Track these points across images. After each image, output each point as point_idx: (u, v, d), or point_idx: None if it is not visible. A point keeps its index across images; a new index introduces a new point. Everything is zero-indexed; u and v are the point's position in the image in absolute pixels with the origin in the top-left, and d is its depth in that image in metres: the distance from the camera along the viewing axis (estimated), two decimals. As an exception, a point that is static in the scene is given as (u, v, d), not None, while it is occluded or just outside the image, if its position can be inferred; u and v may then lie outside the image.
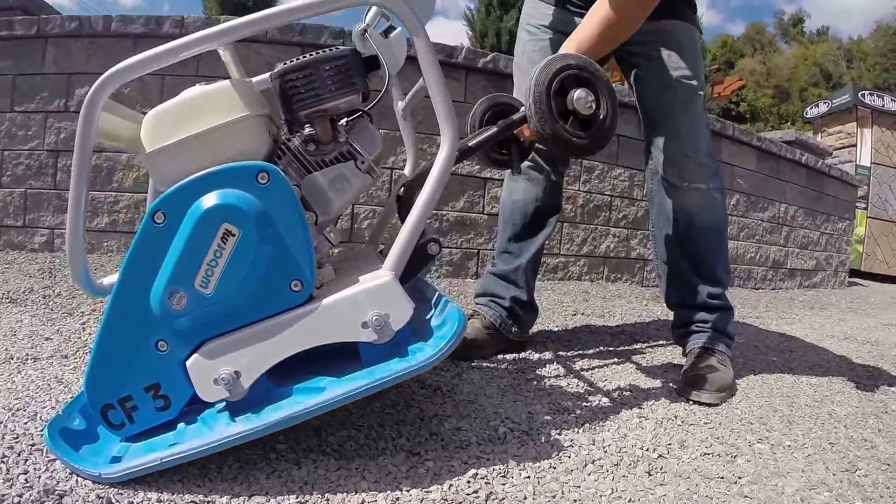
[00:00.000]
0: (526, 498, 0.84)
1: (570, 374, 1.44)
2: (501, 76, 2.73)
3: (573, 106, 1.00)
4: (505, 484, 0.87)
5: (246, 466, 0.85)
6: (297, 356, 0.85)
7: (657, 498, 0.88)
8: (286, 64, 0.88)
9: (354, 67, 0.88)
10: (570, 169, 2.80)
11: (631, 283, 3.23)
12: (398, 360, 0.85)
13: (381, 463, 0.89)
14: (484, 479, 0.88)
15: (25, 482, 0.76)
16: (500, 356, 1.52)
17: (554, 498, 0.85)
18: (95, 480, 0.78)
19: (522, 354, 1.55)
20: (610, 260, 3.17)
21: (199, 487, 0.79)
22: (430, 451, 0.95)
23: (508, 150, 1.18)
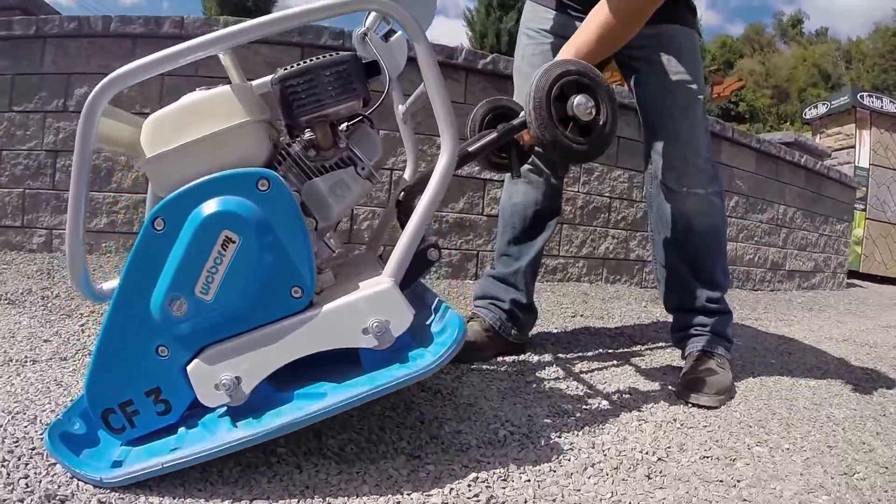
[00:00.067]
0: (526, 501, 0.84)
1: (569, 376, 1.44)
2: (501, 77, 2.74)
3: (573, 112, 1.00)
4: (505, 487, 0.87)
5: (247, 470, 0.85)
6: (297, 361, 0.85)
7: (657, 501, 0.88)
8: (286, 69, 0.88)
9: (355, 73, 0.88)
10: (569, 171, 2.81)
11: (630, 284, 3.24)
12: (399, 365, 0.85)
13: (381, 467, 0.89)
14: (484, 482, 0.88)
15: (26, 486, 0.76)
16: (499, 358, 1.52)
17: (554, 501, 0.85)
18: (97, 485, 0.78)
19: (522, 357, 1.55)
20: (609, 261, 3.18)
21: (200, 491, 0.79)
22: (430, 454, 0.95)
23: (508, 153, 1.18)
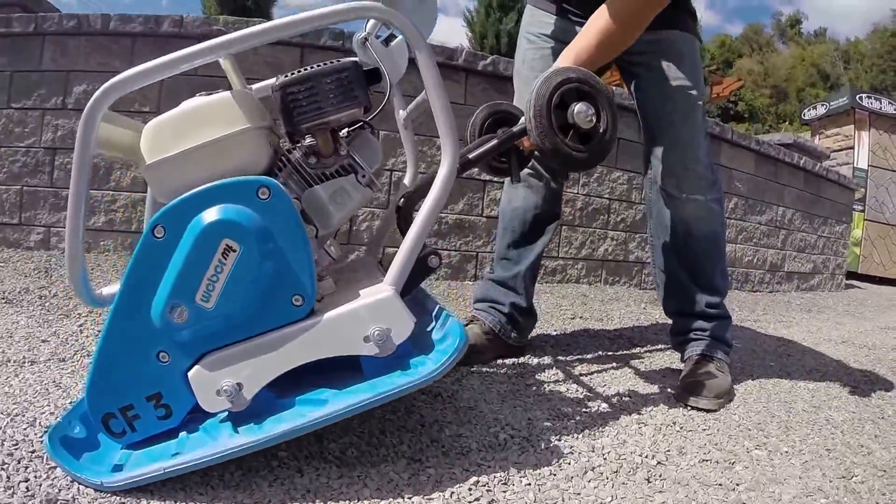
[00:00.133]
0: (526, 505, 0.85)
1: (569, 379, 1.44)
2: (501, 79, 2.74)
3: (573, 120, 1.00)
4: (506, 491, 0.88)
5: (248, 474, 0.85)
6: (298, 366, 0.85)
7: (656, 505, 0.89)
8: (287, 76, 0.88)
9: (356, 80, 0.88)
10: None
11: (629, 286, 3.24)
12: (400, 373, 0.86)
13: (382, 470, 0.89)
14: (485, 486, 0.88)
15: (27, 490, 0.76)
16: (499, 361, 1.52)
17: (554, 505, 0.86)
18: (97, 489, 0.78)
19: (521, 359, 1.56)
20: (608, 263, 3.18)
21: (201, 496, 0.79)
22: (431, 457, 0.96)
23: (508, 158, 1.18)
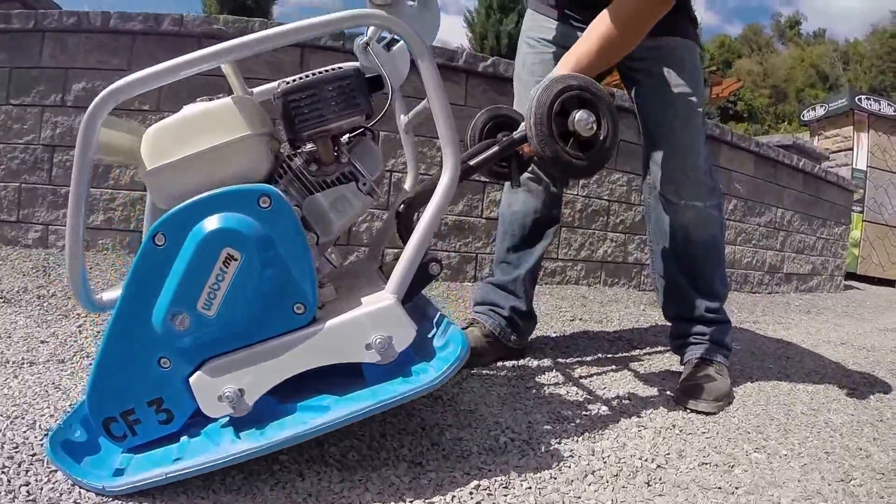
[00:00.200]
0: (527, 509, 0.85)
1: (569, 381, 1.44)
2: (501, 80, 2.74)
3: (574, 128, 1.00)
4: (507, 495, 0.88)
5: (250, 478, 0.85)
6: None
7: (656, 509, 0.89)
8: (289, 83, 0.88)
9: (358, 88, 0.88)
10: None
11: (628, 287, 3.25)
12: (402, 380, 0.86)
13: (383, 474, 0.90)
14: (486, 490, 0.88)
15: (28, 494, 0.76)
16: (499, 363, 1.52)
17: (554, 509, 0.86)
18: (99, 493, 0.79)
19: (521, 361, 1.56)
20: (607, 264, 3.18)
21: (203, 499, 0.80)
22: (431, 461, 0.96)
23: (508, 163, 1.18)
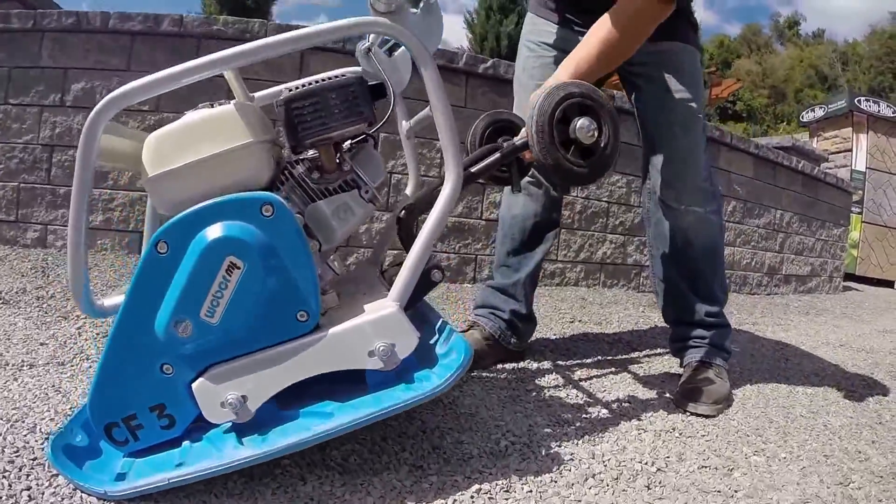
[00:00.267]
0: (528, 513, 0.85)
1: (569, 384, 1.45)
2: (502, 82, 2.74)
3: (575, 135, 1.00)
4: (508, 499, 0.88)
5: (251, 482, 0.86)
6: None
7: (656, 513, 0.89)
8: (292, 90, 0.88)
9: (361, 96, 0.88)
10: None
11: (627, 288, 3.25)
12: (405, 387, 0.86)
13: (385, 478, 0.90)
14: (487, 493, 0.89)
15: (29, 499, 0.76)
16: (499, 366, 1.53)
17: (555, 513, 0.86)
18: (101, 498, 0.79)
19: (521, 364, 1.56)
20: (607, 266, 3.19)
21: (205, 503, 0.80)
22: (432, 465, 0.96)
23: (509, 168, 1.18)
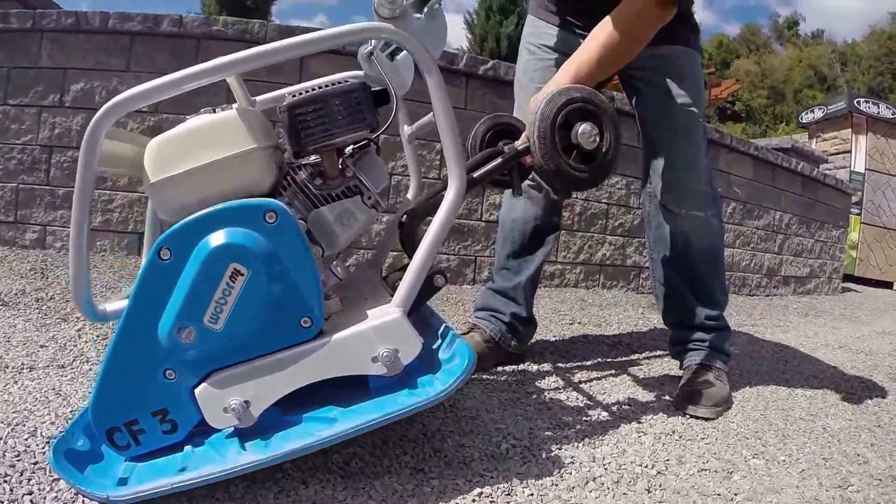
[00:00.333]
0: (528, 517, 0.86)
1: (569, 387, 1.45)
2: (502, 83, 2.75)
3: (577, 140, 1.00)
4: (509, 502, 0.89)
5: (253, 486, 0.86)
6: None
7: (656, 516, 0.90)
8: (295, 96, 0.88)
9: (365, 102, 0.88)
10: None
11: (627, 290, 3.26)
12: (408, 392, 0.87)
13: (386, 482, 0.90)
14: (488, 497, 0.89)
15: (31, 503, 0.76)
16: (499, 368, 1.53)
17: (556, 517, 0.87)
18: (103, 502, 0.79)
19: (521, 366, 1.57)
20: (606, 268, 3.19)
21: (207, 507, 0.81)
22: (433, 468, 0.97)
23: (510, 172, 1.19)
